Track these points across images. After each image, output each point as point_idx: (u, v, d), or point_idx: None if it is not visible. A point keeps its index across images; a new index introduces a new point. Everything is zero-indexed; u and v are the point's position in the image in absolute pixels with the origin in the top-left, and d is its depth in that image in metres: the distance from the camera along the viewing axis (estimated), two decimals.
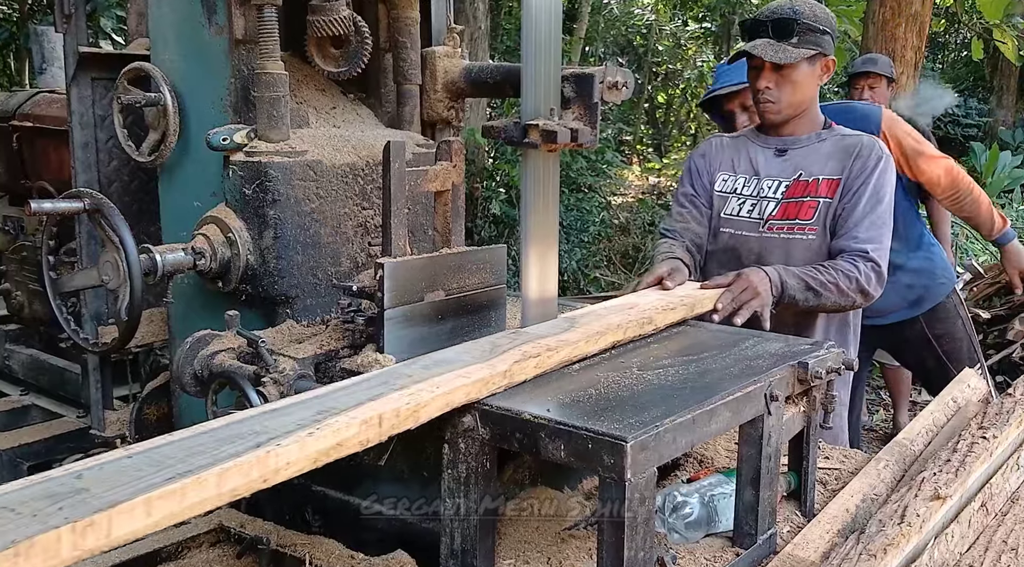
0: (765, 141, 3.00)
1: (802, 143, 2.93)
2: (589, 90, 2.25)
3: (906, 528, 1.89)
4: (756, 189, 2.94)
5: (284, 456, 1.42)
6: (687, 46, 19.83)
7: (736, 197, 2.96)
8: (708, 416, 1.87)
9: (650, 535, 1.75)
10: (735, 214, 2.96)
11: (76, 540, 1.17)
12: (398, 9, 2.72)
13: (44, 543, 1.13)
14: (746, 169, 2.98)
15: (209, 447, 1.41)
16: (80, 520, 1.17)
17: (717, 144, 3.12)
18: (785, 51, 2.77)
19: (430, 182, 2.34)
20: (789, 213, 2.86)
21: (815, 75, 2.87)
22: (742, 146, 3.04)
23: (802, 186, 2.86)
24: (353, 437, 1.54)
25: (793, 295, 2.67)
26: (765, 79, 2.85)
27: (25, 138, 3.44)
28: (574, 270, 9.41)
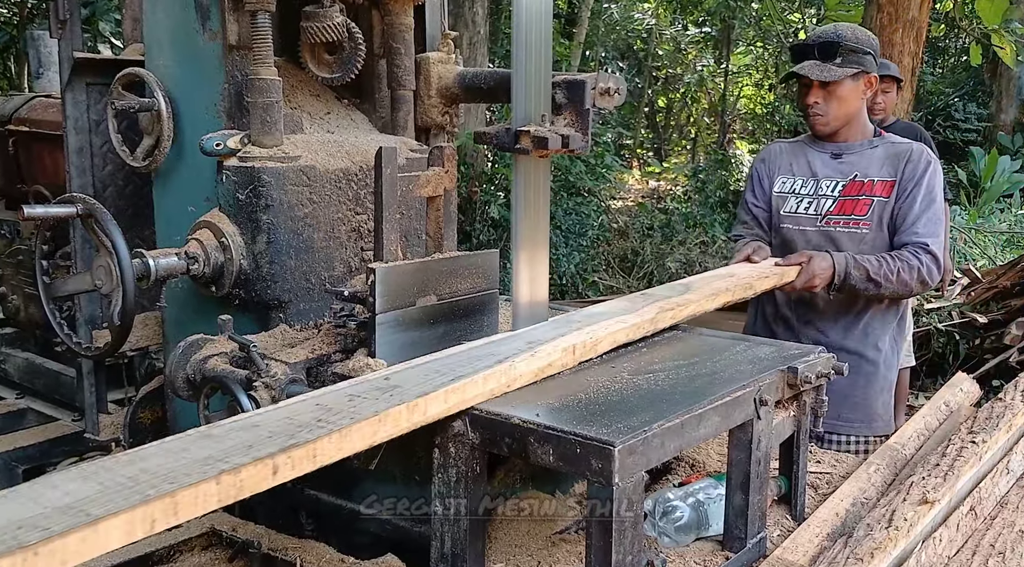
0: (822, 147, 3.29)
1: (855, 149, 3.23)
2: (581, 96, 2.26)
3: (893, 532, 1.90)
4: (814, 189, 3.24)
5: (519, 368, 1.94)
6: (687, 50, 19.86)
7: (795, 197, 3.27)
8: (697, 421, 1.88)
9: (638, 539, 1.76)
10: (794, 211, 3.25)
11: (410, 416, 1.68)
12: (392, 15, 2.73)
13: (394, 415, 1.64)
14: (804, 172, 3.29)
15: (467, 362, 1.93)
16: (408, 402, 1.68)
17: (776, 150, 3.44)
18: (830, 70, 3.08)
19: (422, 187, 2.36)
20: (846, 209, 3.16)
21: (859, 90, 3.16)
22: (800, 151, 3.34)
23: (858, 186, 3.17)
24: (558, 360, 2.05)
25: (854, 284, 2.97)
26: (813, 95, 3.16)
27: (21, 142, 3.46)
28: (572, 274, 9.42)
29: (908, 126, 5.73)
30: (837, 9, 10.31)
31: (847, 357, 2.86)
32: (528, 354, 1.99)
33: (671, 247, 10.89)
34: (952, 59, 18.42)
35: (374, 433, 1.60)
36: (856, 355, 3.09)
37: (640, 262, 10.52)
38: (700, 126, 20.93)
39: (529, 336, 2.14)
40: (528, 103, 2.19)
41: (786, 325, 3.23)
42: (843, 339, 3.12)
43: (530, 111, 2.20)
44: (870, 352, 3.15)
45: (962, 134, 15.66)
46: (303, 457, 1.46)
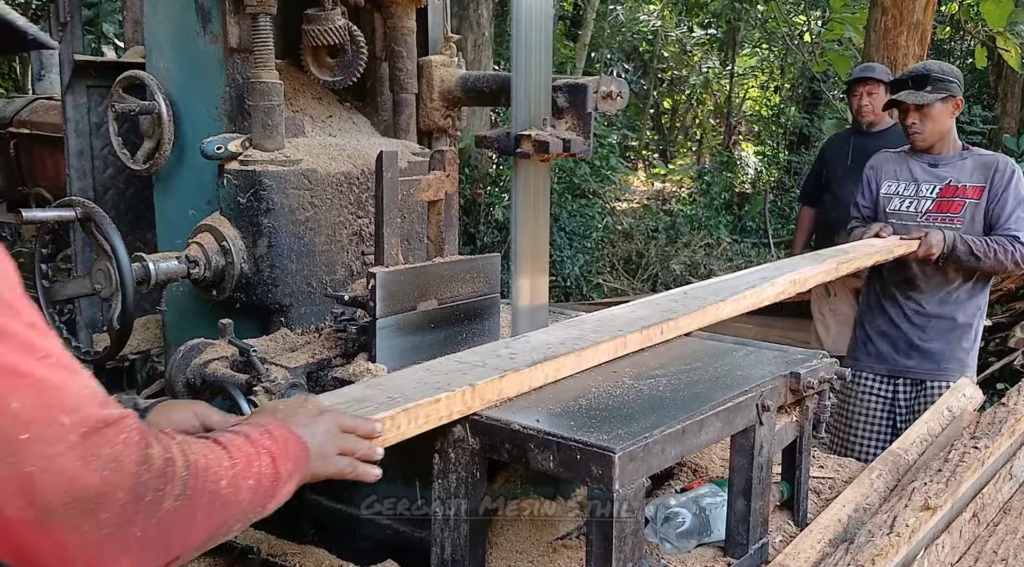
0: (921, 158, 4.06)
1: (948, 160, 3.99)
2: (583, 100, 2.26)
3: (895, 539, 1.89)
4: (915, 191, 4.01)
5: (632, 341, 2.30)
6: (693, 52, 19.82)
7: (898, 197, 4.05)
8: (698, 426, 1.87)
9: (638, 545, 1.75)
10: (897, 209, 4.03)
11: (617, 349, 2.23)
12: (394, 19, 2.72)
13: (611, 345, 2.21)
14: (906, 177, 4.06)
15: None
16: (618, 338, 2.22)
17: (883, 158, 4.21)
18: (922, 96, 3.86)
19: (423, 191, 2.35)
20: (942, 208, 3.92)
21: (948, 111, 3.94)
22: (903, 161, 4.11)
23: (952, 189, 3.94)
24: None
25: (959, 256, 3.74)
26: (911, 117, 3.95)
27: (22, 145, 3.46)
28: (576, 276, 9.41)
29: None
30: (842, 11, 10.27)
31: (942, 322, 3.91)
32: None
33: (676, 249, 10.87)
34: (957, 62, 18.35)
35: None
36: (949, 319, 3.92)
37: (645, 264, 10.49)
38: (705, 128, 20.90)
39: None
40: (529, 107, 2.19)
41: (892, 299, 4.02)
42: (938, 307, 3.92)
43: (531, 115, 2.19)
44: (960, 317, 3.93)
45: (968, 137, 15.55)
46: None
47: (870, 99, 5.39)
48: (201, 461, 1.14)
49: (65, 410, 0.96)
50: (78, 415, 0.97)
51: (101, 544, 0.99)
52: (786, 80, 16.75)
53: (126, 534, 1.00)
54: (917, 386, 3.96)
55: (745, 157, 16.52)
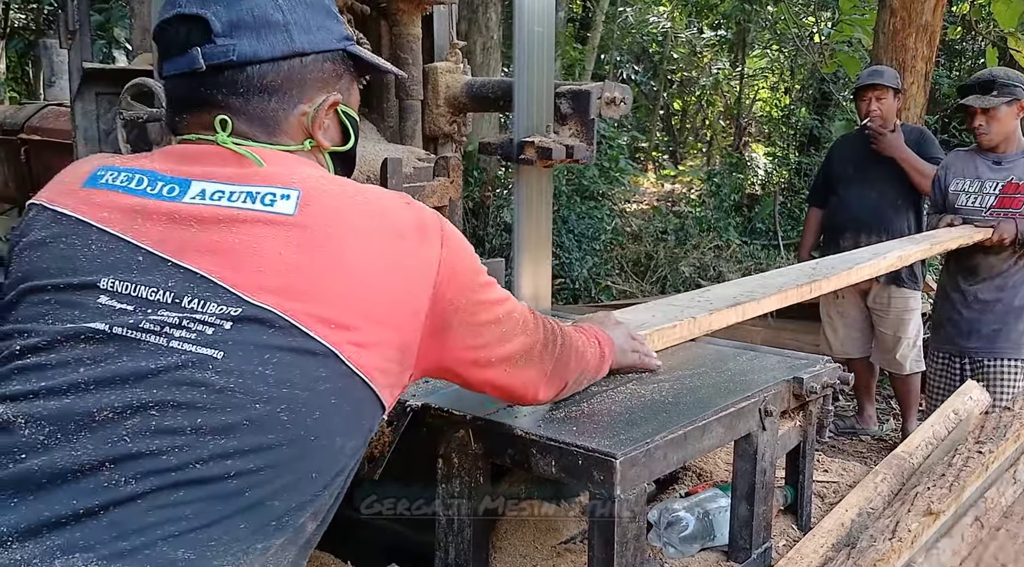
0: (986, 156, 4.54)
1: (1011, 158, 4.46)
2: (586, 106, 2.27)
3: (897, 543, 1.89)
4: (979, 187, 4.47)
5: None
6: (702, 53, 19.81)
7: (964, 194, 4.53)
8: (700, 432, 1.88)
9: (640, 551, 1.76)
10: (964, 205, 4.50)
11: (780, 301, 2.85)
12: (400, 26, 2.74)
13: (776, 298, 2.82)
14: (972, 175, 4.53)
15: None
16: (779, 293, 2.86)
17: (953, 157, 4.75)
18: (988, 100, 4.34)
19: (428, 198, 2.37)
20: (1005, 204, 4.35)
21: (1012, 113, 4.41)
22: (970, 159, 4.60)
23: (1014, 186, 4.37)
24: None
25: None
26: (978, 119, 4.42)
27: (33, 151, 3.49)
28: (585, 278, 9.41)
29: (912, 128, 5.72)
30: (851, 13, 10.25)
31: (1000, 306, 4.45)
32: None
33: (685, 251, 10.86)
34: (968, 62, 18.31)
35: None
36: (1006, 303, 4.44)
37: (654, 266, 10.49)
38: (715, 129, 20.89)
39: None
40: (531, 113, 2.20)
41: (957, 287, 4.58)
42: (997, 293, 4.46)
43: (533, 121, 2.21)
44: (1016, 301, 4.44)
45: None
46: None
47: (879, 105, 5.40)
48: (567, 329, 1.83)
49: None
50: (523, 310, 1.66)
51: (536, 378, 1.71)
52: (796, 81, 16.72)
53: (544, 370, 1.71)
54: (975, 363, 4.54)
55: (755, 158, 16.50)
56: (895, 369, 5.65)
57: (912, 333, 5.56)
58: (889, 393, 6.59)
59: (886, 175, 5.42)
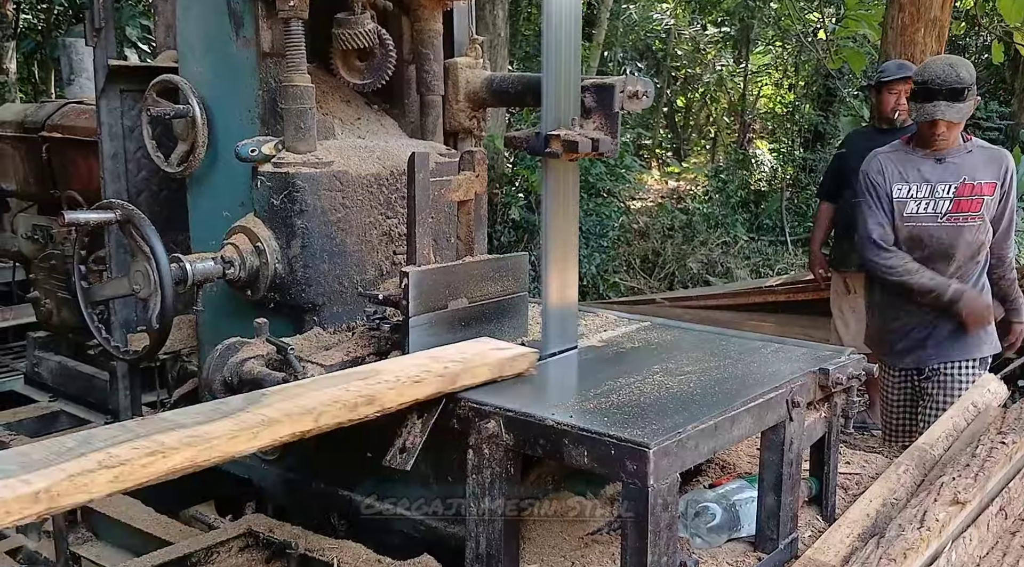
0: (925, 153, 3.88)
1: (954, 154, 3.84)
2: (609, 100, 2.28)
3: (925, 533, 1.91)
4: (929, 191, 3.82)
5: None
6: (706, 50, 19.80)
7: (913, 201, 3.84)
8: (730, 422, 1.89)
9: (673, 540, 1.77)
10: (915, 212, 3.82)
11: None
12: (421, 22, 2.75)
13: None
14: (916, 178, 3.85)
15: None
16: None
17: (885, 158, 3.97)
18: (959, 111, 3.71)
19: (453, 192, 2.38)
20: (962, 208, 3.78)
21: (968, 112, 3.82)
22: (905, 159, 3.91)
23: (969, 188, 3.79)
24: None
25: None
26: (940, 128, 3.76)
27: (54, 148, 3.50)
28: (593, 275, 9.42)
29: None
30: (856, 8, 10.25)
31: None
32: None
33: (692, 247, 10.87)
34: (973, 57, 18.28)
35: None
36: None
37: (661, 263, 10.50)
38: (720, 126, 20.87)
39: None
40: (558, 107, 2.21)
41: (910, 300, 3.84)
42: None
43: (559, 115, 2.22)
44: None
45: (984, 133, 15.47)
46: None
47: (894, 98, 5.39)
48: None
49: None
50: None
51: None
52: (800, 77, 16.70)
53: None
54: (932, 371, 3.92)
55: (760, 155, 16.49)
56: None
57: None
58: None
59: None
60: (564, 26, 2.19)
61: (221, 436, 1.58)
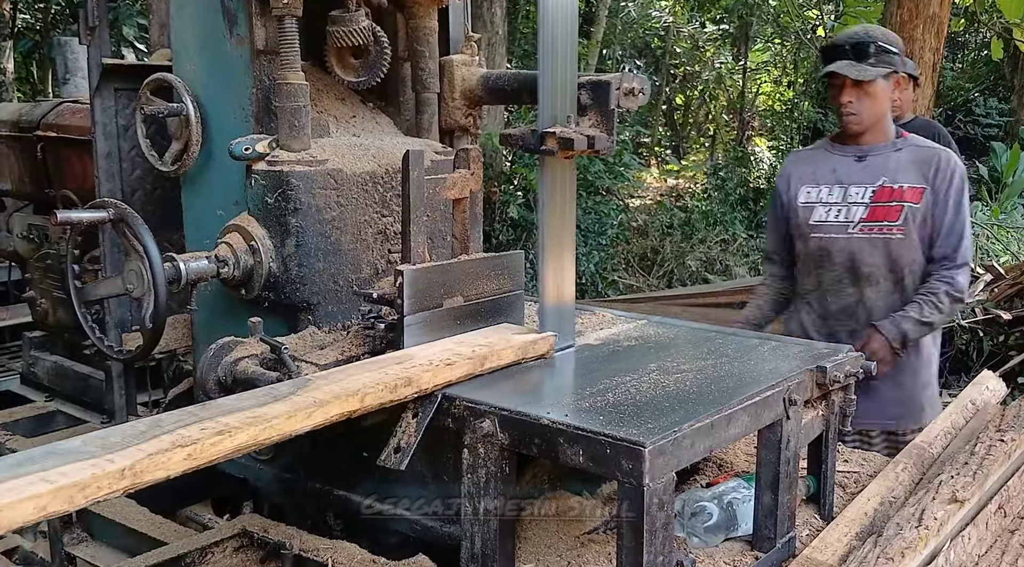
0: (844, 150, 3.34)
1: (879, 151, 3.27)
2: (605, 97, 2.27)
3: (923, 531, 1.90)
4: (843, 196, 3.26)
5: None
6: (705, 48, 19.82)
7: (822, 206, 3.28)
8: (726, 421, 1.88)
9: (669, 540, 1.76)
10: (823, 220, 3.27)
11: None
12: (416, 19, 2.74)
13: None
14: (828, 179, 3.30)
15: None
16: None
17: (795, 160, 3.53)
18: (864, 70, 3.15)
19: (448, 190, 2.37)
20: (878, 216, 3.20)
21: (889, 90, 3.25)
22: (821, 158, 3.38)
23: (888, 192, 3.21)
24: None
25: (915, 338, 3.12)
26: (847, 95, 3.20)
27: (49, 147, 3.49)
28: (592, 273, 9.42)
29: (926, 123, 5.69)
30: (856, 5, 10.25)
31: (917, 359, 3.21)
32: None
33: (691, 245, 10.87)
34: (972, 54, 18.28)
35: None
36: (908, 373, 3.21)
37: (660, 260, 10.50)
38: (719, 123, 20.89)
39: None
40: (554, 105, 2.20)
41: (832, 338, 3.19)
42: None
43: (555, 112, 2.21)
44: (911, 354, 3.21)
45: (983, 129, 15.54)
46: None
47: (899, 93, 5.39)
48: None
49: None
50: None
51: None
52: (799, 75, 16.71)
53: None
54: (897, 437, 3.23)
55: (759, 152, 16.49)
56: None
57: None
58: None
59: None
60: (560, 23, 2.17)
61: (279, 416, 1.70)
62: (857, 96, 3.19)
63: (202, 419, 1.65)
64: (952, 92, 16.39)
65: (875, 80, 3.16)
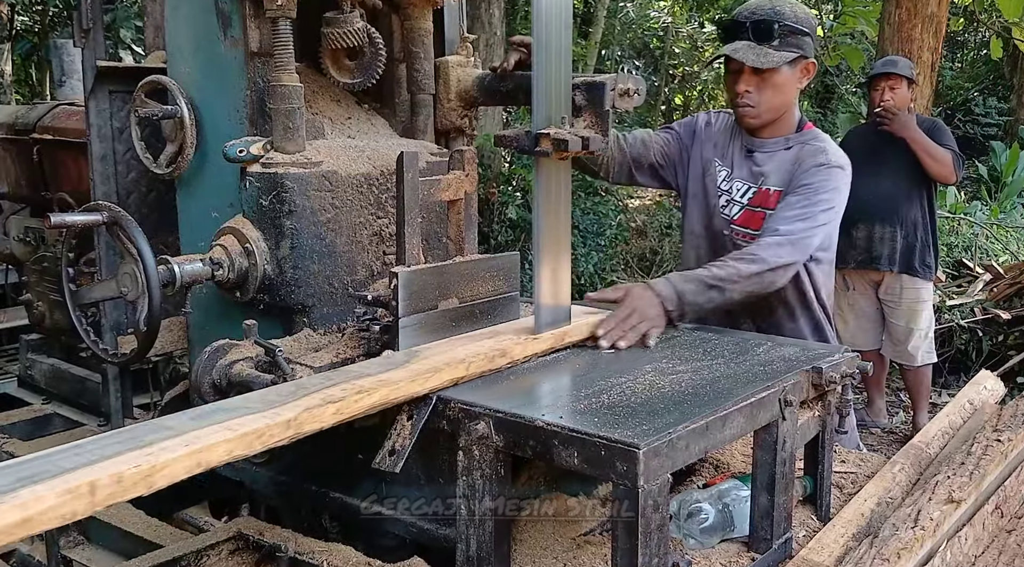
0: (740, 138, 2.92)
1: (768, 147, 2.86)
2: (600, 98, 2.27)
3: (920, 532, 1.89)
4: (730, 187, 2.90)
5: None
6: (704, 48, 19.81)
7: (722, 194, 2.93)
8: (722, 422, 1.88)
9: (664, 541, 1.76)
10: (722, 209, 2.92)
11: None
12: (411, 20, 2.74)
13: None
14: (728, 164, 2.92)
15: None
16: None
17: (718, 122, 3.02)
18: (766, 55, 2.68)
19: (443, 191, 2.37)
20: (747, 221, 2.85)
21: (795, 78, 2.79)
22: (728, 138, 2.96)
23: (763, 195, 2.83)
24: (49, 511, 1.32)
25: (695, 300, 2.50)
26: (744, 83, 2.76)
27: (45, 150, 3.49)
28: (591, 274, 9.41)
29: (925, 119, 5.71)
30: (854, 5, 10.25)
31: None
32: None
33: None
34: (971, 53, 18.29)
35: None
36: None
37: (659, 261, 10.49)
38: None
39: (32, 467, 1.40)
40: (548, 106, 2.20)
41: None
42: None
43: (550, 114, 2.20)
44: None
45: (983, 129, 15.54)
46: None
47: (892, 94, 5.40)
48: None
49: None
50: None
51: None
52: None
53: None
54: None
55: None
56: (906, 361, 5.65)
57: (924, 324, 5.56)
58: (898, 385, 6.59)
59: (898, 166, 5.41)
60: (554, 23, 2.17)
61: (403, 380, 1.91)
62: (756, 85, 2.73)
63: (339, 383, 1.86)
64: (951, 91, 16.40)
65: (778, 68, 2.69)
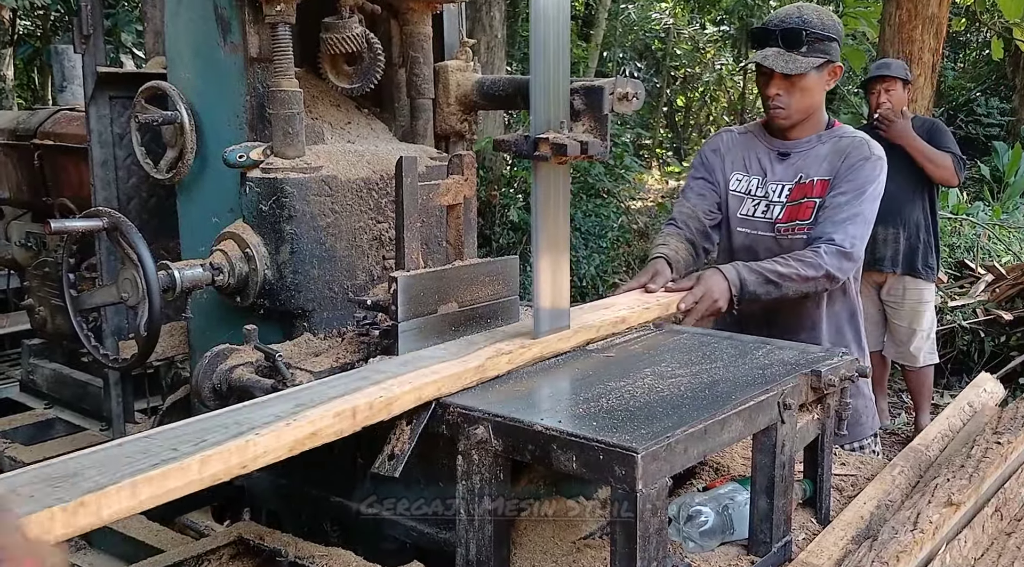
0: (770, 143, 3.08)
1: (802, 146, 3.01)
2: (599, 102, 2.27)
3: (919, 535, 1.89)
4: (765, 191, 3.03)
5: (261, 445, 1.60)
6: (705, 49, 19.83)
7: (751, 198, 3.05)
8: (720, 426, 1.88)
9: (663, 545, 1.76)
10: (750, 215, 3.04)
11: (68, 519, 1.30)
12: (410, 25, 2.74)
13: (38, 520, 1.26)
14: (756, 170, 3.07)
15: (193, 436, 1.59)
16: (72, 501, 1.31)
17: (728, 140, 3.19)
18: (795, 61, 2.85)
19: (443, 196, 2.37)
20: (792, 215, 2.96)
21: (823, 81, 2.95)
22: (751, 145, 3.11)
23: (801, 188, 2.96)
24: (327, 428, 1.74)
25: (754, 290, 2.73)
26: (775, 87, 2.93)
27: (46, 156, 3.50)
28: (592, 276, 9.41)
29: (924, 120, 5.72)
30: (855, 6, 10.25)
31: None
32: (285, 422, 1.67)
33: None
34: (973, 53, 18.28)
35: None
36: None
37: None
38: (719, 125, 20.87)
39: (302, 396, 1.84)
40: (547, 110, 2.20)
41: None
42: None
43: (549, 118, 2.21)
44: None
45: (984, 129, 15.52)
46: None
47: (888, 96, 5.41)
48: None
49: None
50: None
51: None
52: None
53: None
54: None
55: None
56: (909, 362, 5.64)
57: (926, 325, 5.56)
58: (900, 387, 6.59)
59: (899, 167, 5.40)
60: (552, 27, 2.17)
61: (550, 339, 2.27)
62: (786, 89, 2.91)
63: (497, 341, 2.20)
64: (953, 92, 16.39)
65: (806, 72, 2.87)
